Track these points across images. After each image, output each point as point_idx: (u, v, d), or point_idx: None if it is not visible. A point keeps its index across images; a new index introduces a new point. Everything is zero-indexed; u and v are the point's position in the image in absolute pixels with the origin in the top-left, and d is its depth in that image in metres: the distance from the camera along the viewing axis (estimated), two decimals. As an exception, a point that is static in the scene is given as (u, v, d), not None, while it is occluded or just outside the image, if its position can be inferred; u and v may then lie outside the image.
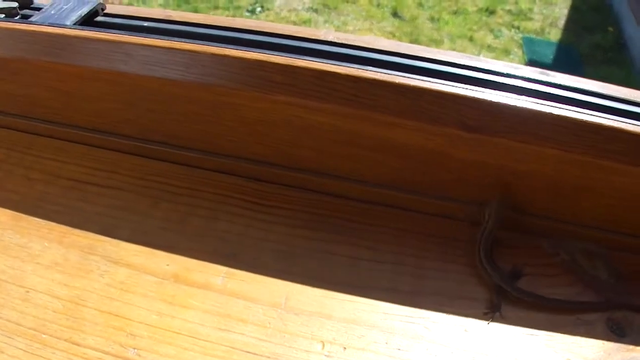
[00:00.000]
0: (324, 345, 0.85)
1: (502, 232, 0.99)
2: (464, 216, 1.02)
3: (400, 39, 5.23)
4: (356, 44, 0.94)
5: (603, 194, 0.93)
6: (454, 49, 5.24)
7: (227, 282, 0.93)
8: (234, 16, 5.27)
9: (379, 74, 0.86)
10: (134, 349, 0.84)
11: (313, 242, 0.99)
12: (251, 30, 0.98)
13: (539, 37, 5.65)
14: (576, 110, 0.83)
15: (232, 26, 0.98)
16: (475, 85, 0.86)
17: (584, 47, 5.56)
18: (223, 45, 0.92)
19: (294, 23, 5.29)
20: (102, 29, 0.98)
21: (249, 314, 0.89)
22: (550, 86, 0.89)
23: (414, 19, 5.55)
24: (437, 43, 5.28)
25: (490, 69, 0.91)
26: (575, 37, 5.68)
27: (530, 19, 5.86)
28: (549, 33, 5.70)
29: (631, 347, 0.87)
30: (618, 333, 0.88)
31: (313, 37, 0.96)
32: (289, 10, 5.44)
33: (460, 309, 0.91)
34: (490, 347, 0.86)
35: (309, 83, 0.88)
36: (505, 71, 0.91)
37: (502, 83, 0.88)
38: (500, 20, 5.78)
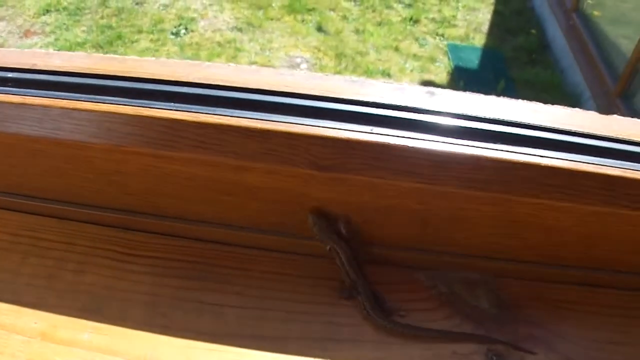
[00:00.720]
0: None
1: (376, 267, 0.99)
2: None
3: (326, 54, 5.23)
4: (217, 83, 0.90)
5: (477, 223, 0.92)
6: (379, 60, 5.28)
7: (93, 338, 0.91)
8: (158, 39, 5.23)
9: (224, 118, 0.84)
10: (1, 414, 0.80)
11: (180, 291, 0.97)
12: (116, 77, 0.94)
13: (463, 43, 5.70)
14: (434, 140, 0.82)
15: (98, 73, 0.95)
16: (327, 120, 0.84)
17: (508, 50, 5.62)
18: (78, 95, 0.89)
19: (219, 44, 5.26)
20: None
21: (114, 373, 0.86)
22: (419, 113, 0.86)
23: (338, 32, 5.56)
24: (362, 55, 5.30)
25: (334, 97, 0.88)
26: (500, 41, 5.75)
27: (454, 25, 5.92)
28: (473, 38, 5.76)
29: None
30: None
31: (173, 80, 0.92)
32: (213, 31, 5.42)
33: (328, 351, 0.89)
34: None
35: (157, 132, 0.86)
36: (370, 99, 0.88)
37: (359, 113, 0.86)
38: (424, 29, 5.82)
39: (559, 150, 0.82)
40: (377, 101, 0.87)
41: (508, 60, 5.46)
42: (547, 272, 0.98)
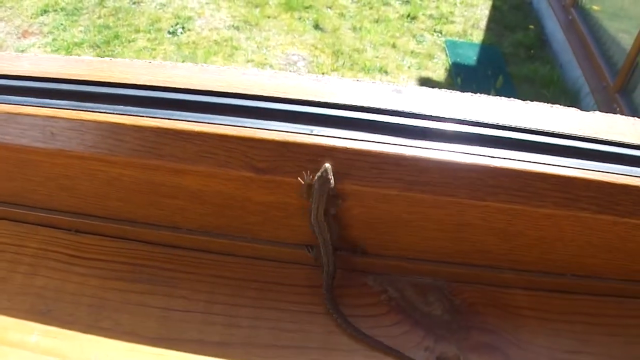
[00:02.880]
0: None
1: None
2: (280, 257, 1.01)
3: (322, 51, 5.22)
4: (163, 84, 0.90)
5: (423, 226, 0.91)
6: (377, 57, 5.26)
7: (41, 340, 0.91)
8: (155, 39, 5.23)
9: (162, 121, 0.84)
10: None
11: (126, 294, 0.97)
12: (67, 80, 0.94)
13: (461, 40, 5.68)
14: (374, 141, 0.81)
15: (48, 76, 0.95)
16: (263, 120, 0.85)
17: (507, 46, 5.60)
18: (19, 99, 0.90)
19: (216, 42, 5.26)
20: None
21: (57, 375, 0.86)
22: (367, 112, 0.86)
23: (335, 29, 5.55)
24: (359, 52, 5.28)
25: (288, 97, 0.88)
26: (498, 37, 5.73)
27: (452, 22, 5.90)
28: (471, 35, 5.73)
29: None
30: None
31: (117, 82, 0.92)
32: (210, 30, 5.41)
33: (270, 358, 0.89)
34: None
35: (98, 136, 0.87)
36: (316, 99, 0.88)
37: (299, 112, 0.86)
38: (422, 26, 5.81)
39: (509, 149, 0.81)
40: (324, 100, 0.87)
41: (506, 56, 5.44)
42: (502, 277, 0.97)
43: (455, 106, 0.86)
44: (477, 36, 5.74)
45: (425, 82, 5.03)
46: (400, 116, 0.85)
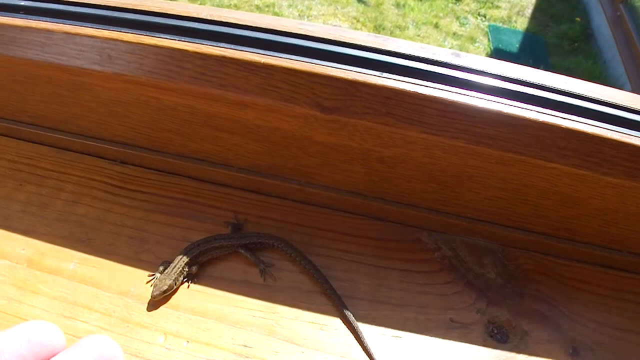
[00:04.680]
0: (166, 337, 0.81)
1: (375, 221, 0.96)
2: (330, 204, 0.98)
3: (364, 25, 5.17)
4: (222, 19, 0.87)
5: (486, 183, 0.88)
6: (418, 35, 5.20)
7: (79, 268, 0.89)
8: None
9: (227, 50, 0.80)
10: (-23, 335, 0.78)
11: (169, 228, 0.95)
12: (122, 8, 0.91)
13: (505, 26, 5.60)
14: (449, 90, 0.77)
15: (108, 4, 0.92)
16: (331, 62, 0.80)
17: (551, 36, 5.51)
18: (79, 23, 0.87)
19: (257, 7, 5.23)
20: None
21: (95, 302, 0.84)
22: (418, 61, 0.81)
23: (379, 4, 5.49)
24: (401, 29, 5.22)
25: (349, 42, 0.83)
26: (542, 26, 5.64)
27: (498, 7, 5.81)
28: (515, 22, 5.65)
29: (512, 354, 0.82)
30: (499, 338, 0.83)
31: (180, 15, 0.89)
32: (254, -6, 5.37)
33: (318, 304, 0.86)
34: (346, 347, 0.81)
35: (158, 61, 0.83)
36: (368, 45, 0.83)
37: (362, 58, 0.81)
38: (466, 8, 5.73)
39: (583, 116, 0.77)
40: (391, 49, 0.82)
41: (549, 47, 5.36)
42: (559, 246, 0.94)
43: (519, 71, 0.83)
44: (522, 24, 5.65)
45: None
46: (466, 72, 0.81)
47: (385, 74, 0.78)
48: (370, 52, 0.82)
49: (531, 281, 0.91)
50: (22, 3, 0.91)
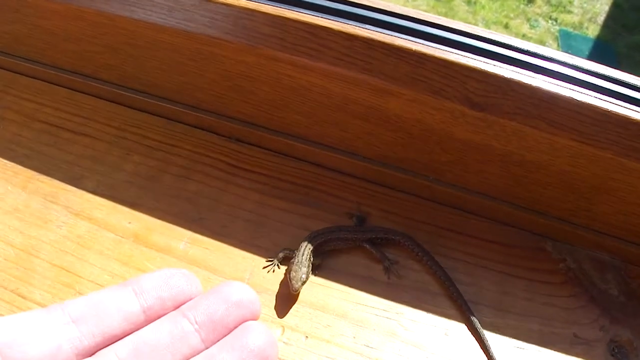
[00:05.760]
0: (284, 330, 0.77)
1: (502, 226, 0.92)
2: (458, 204, 0.94)
3: (433, 19, 5.12)
4: (369, 4, 0.83)
5: (623, 199, 0.82)
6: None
7: (190, 249, 0.85)
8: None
9: (376, 33, 0.76)
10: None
11: (288, 214, 0.91)
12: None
13: (576, 32, 5.50)
14: (602, 98, 0.73)
15: None
16: (487, 58, 0.76)
17: (622, 46, 5.40)
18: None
19: None
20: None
21: (207, 286, 0.80)
22: (575, 69, 0.77)
23: (449, 0, 5.43)
24: (470, 27, 5.16)
25: (506, 42, 0.79)
26: (614, 35, 5.52)
27: (570, 12, 5.71)
28: (587, 28, 5.55)
29: None
30: (619, 358, 0.79)
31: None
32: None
33: (443, 308, 0.82)
34: (471, 355, 0.77)
35: (299, 38, 0.79)
36: (523, 47, 0.79)
37: (518, 59, 0.77)
38: (538, 10, 5.63)
39: None
40: (546, 55, 0.78)
41: (619, 57, 5.25)
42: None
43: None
44: (593, 30, 5.55)
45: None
46: (620, 85, 0.77)
47: (540, 76, 0.75)
48: (524, 54, 0.78)
49: None
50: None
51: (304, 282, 0.78)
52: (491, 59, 0.76)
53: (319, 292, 0.81)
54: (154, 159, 0.97)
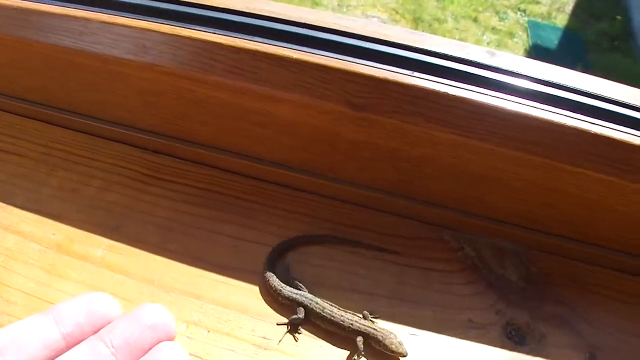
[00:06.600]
0: (187, 326, 0.82)
1: (400, 219, 0.98)
2: (357, 200, 0.99)
3: (403, 16, 5.17)
4: (257, 12, 0.88)
5: (512, 186, 0.87)
6: (457, 29, 5.19)
7: (106, 255, 0.91)
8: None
9: (260, 44, 0.81)
10: (7, 315, 0.82)
11: (198, 219, 0.96)
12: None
13: (544, 22, 5.56)
14: (479, 91, 0.78)
15: None
16: (365, 59, 0.81)
17: (590, 34, 5.46)
18: (117, 12, 0.89)
19: (299, -5, 5.24)
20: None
21: (121, 289, 0.86)
22: (449, 60, 0.82)
23: (418, -4, 5.49)
24: (440, 22, 5.21)
25: (384, 40, 0.84)
26: (582, 23, 5.59)
27: (538, 2, 5.77)
28: (555, 18, 5.61)
29: (528, 357, 0.82)
30: (516, 340, 0.84)
31: (214, 6, 0.90)
32: (293, -19, 5.39)
33: (339, 300, 0.86)
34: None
35: (192, 53, 0.84)
36: (400, 42, 0.84)
37: (395, 57, 0.82)
38: (506, 3, 5.69)
39: (616, 123, 0.77)
40: (424, 47, 0.83)
41: (588, 44, 5.31)
42: (583, 250, 0.93)
43: (551, 72, 0.82)
44: (562, 20, 5.61)
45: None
46: (497, 72, 0.81)
47: (416, 73, 0.79)
48: (403, 49, 0.82)
49: (553, 285, 0.90)
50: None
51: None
52: (369, 59, 0.81)
53: (223, 290, 0.86)
54: (77, 173, 1.03)
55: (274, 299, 0.86)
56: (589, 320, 0.86)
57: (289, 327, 0.83)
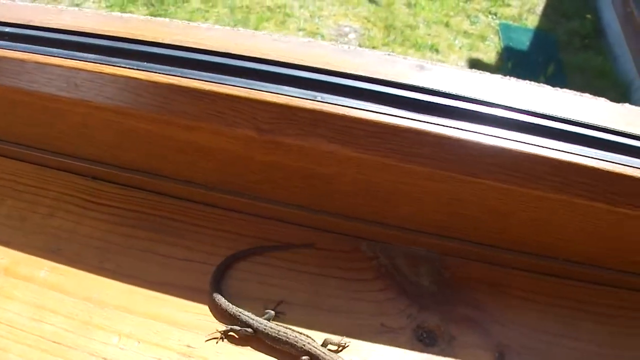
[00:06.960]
0: (120, 338, 0.89)
1: (319, 232, 1.04)
2: (278, 216, 1.06)
3: (375, 24, 5.22)
4: (175, 43, 0.95)
5: (419, 198, 0.94)
6: (429, 35, 5.24)
7: (49, 276, 0.98)
8: (209, 1, 5.27)
9: (175, 78, 0.88)
10: (-44, 336, 0.88)
11: (132, 239, 1.03)
12: (86, 34, 0.99)
13: (516, 24, 5.61)
14: (377, 111, 0.84)
15: (83, 31, 0.99)
16: (274, 84, 0.88)
17: (562, 33, 5.52)
18: (53, 51, 0.96)
19: (269, 8, 5.30)
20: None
21: (61, 306, 0.93)
22: (354, 80, 0.88)
23: (390, 4, 5.53)
24: (412, 29, 5.27)
25: (293, 63, 0.91)
26: (553, 23, 5.65)
27: (508, 5, 5.82)
28: (526, 19, 5.67)
29: (438, 357, 0.88)
30: (427, 342, 0.89)
31: (146, 40, 0.96)
32: (264, -4, 5.44)
33: (258, 311, 0.94)
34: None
35: (116, 89, 0.92)
36: (306, 65, 0.90)
37: (304, 78, 0.89)
38: (477, 7, 5.75)
39: (508, 130, 0.82)
40: (333, 69, 0.89)
41: (560, 44, 5.37)
42: (495, 255, 0.99)
43: (459, 83, 0.87)
44: (532, 21, 5.67)
45: (476, 64, 5.00)
46: (394, 87, 0.87)
47: (320, 96, 0.85)
48: (310, 72, 0.89)
49: (467, 289, 0.96)
50: (7, 30, 1.00)
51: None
52: (281, 84, 0.88)
53: (154, 304, 0.94)
54: (25, 202, 1.10)
55: (202, 311, 0.94)
56: (501, 322, 0.92)
57: (221, 336, 0.90)
